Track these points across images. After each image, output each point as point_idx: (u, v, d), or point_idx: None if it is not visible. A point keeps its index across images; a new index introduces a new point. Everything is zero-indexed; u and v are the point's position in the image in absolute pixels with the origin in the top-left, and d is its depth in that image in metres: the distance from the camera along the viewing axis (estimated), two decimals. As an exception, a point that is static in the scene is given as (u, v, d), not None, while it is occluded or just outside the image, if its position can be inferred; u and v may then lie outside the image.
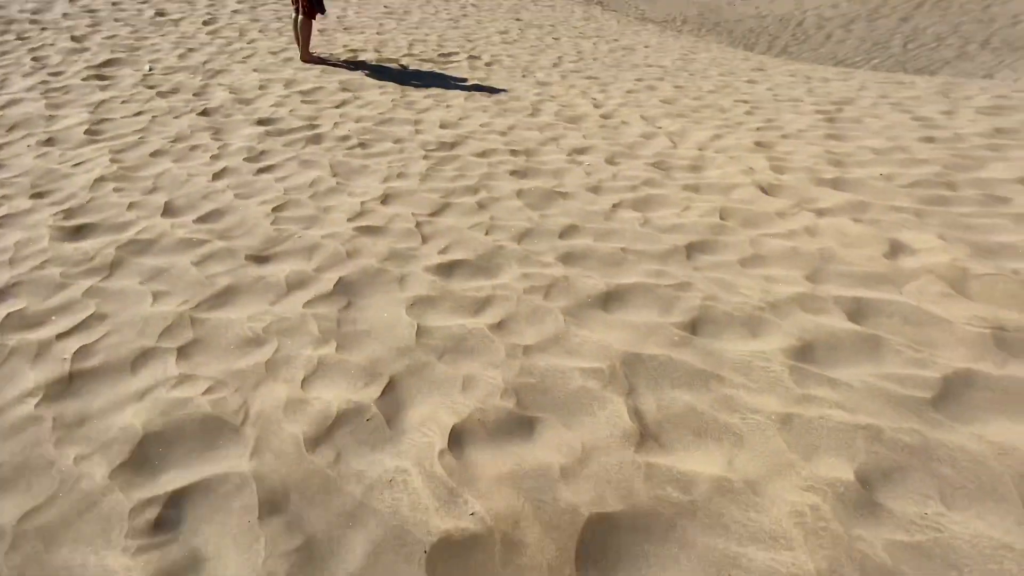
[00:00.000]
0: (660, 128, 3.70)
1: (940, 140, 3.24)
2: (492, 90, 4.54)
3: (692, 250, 2.10)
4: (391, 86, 4.47)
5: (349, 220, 2.41)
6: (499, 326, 1.69)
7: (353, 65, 4.99)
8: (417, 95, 4.30)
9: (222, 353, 1.64)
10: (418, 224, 2.37)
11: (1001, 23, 14.27)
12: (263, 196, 2.65)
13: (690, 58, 6.74)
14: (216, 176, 2.86)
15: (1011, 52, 13.12)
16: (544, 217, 2.42)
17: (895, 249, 2.03)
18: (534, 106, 4.16)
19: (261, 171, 2.92)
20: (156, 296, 1.93)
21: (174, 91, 4.15)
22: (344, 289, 1.92)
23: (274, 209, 2.51)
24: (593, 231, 2.28)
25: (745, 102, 4.41)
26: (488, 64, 5.40)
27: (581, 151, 3.25)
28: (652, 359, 1.50)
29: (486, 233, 2.29)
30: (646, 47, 7.28)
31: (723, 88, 4.97)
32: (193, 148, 3.21)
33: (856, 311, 1.70)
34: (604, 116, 3.96)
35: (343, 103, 4.03)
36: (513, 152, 3.24)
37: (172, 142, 3.30)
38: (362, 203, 2.57)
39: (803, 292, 1.79)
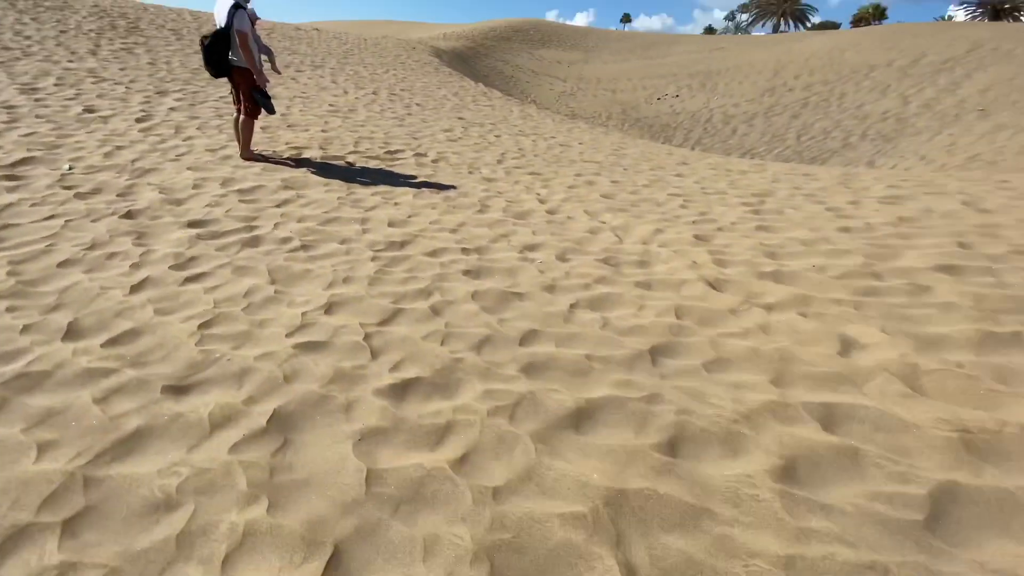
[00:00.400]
0: (604, 223, 3.84)
1: (855, 230, 3.56)
2: (440, 187, 4.61)
3: (656, 354, 2.05)
4: (336, 183, 4.43)
5: (288, 335, 2.20)
6: (462, 462, 1.50)
7: (297, 163, 4.95)
8: (364, 192, 4.27)
9: (121, 526, 1.33)
10: (367, 336, 2.20)
11: (873, 119, 16.87)
12: (188, 310, 2.39)
13: (621, 153, 7.31)
14: (135, 288, 2.57)
15: (885, 142, 15.41)
16: (502, 322, 2.33)
17: (846, 345, 2.08)
18: (482, 202, 4.23)
19: (189, 280, 2.67)
20: (42, 449, 1.59)
21: (95, 192, 3.87)
22: (280, 425, 1.68)
23: (201, 326, 2.25)
24: (554, 336, 2.20)
25: (678, 195, 4.73)
26: (434, 161, 5.55)
27: (532, 247, 3.27)
28: (637, 495, 1.36)
29: (442, 343, 2.15)
30: (580, 143, 7.85)
31: (656, 182, 5.35)
32: (111, 256, 2.92)
33: (827, 418, 1.67)
34: (550, 211, 4.08)
35: (285, 202, 3.91)
36: (465, 250, 3.20)
37: (86, 250, 3.00)
38: (303, 314, 2.37)
39: (773, 400, 1.75)
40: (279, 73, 6.08)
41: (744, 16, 66.92)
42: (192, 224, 3.39)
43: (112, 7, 12.60)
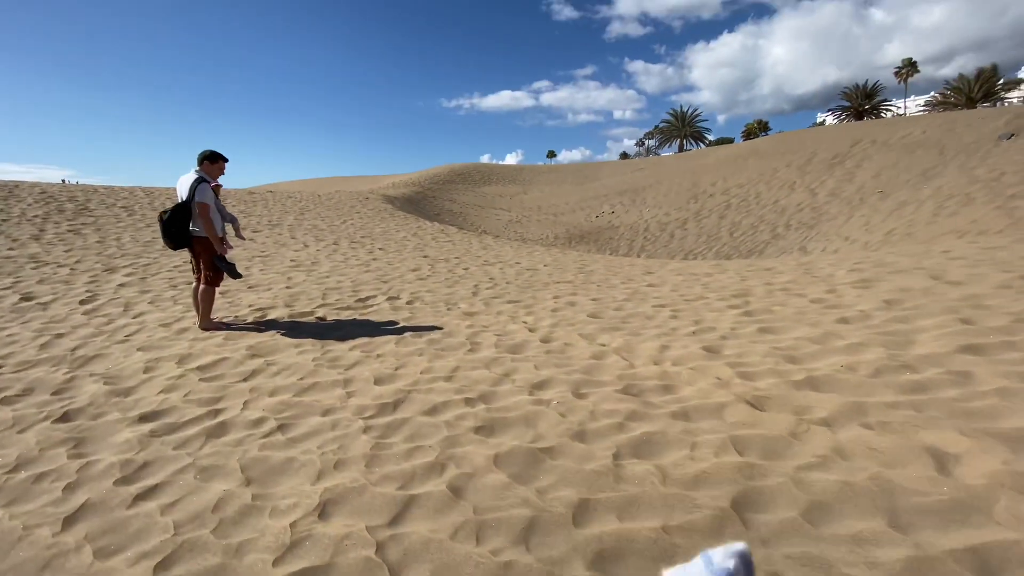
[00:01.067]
0: (604, 345, 3.65)
1: (854, 320, 3.53)
2: (421, 329, 4.36)
3: (741, 509, 1.70)
4: (309, 343, 4.09)
5: (277, 562, 1.70)
6: None
7: (263, 326, 4.61)
8: (341, 348, 3.94)
9: None
10: (379, 547, 1.73)
11: (791, 211, 18.74)
12: (140, 545, 1.84)
13: (587, 270, 7.48)
14: (68, 522, 2.01)
15: (809, 229, 16.96)
16: (541, 494, 1.93)
17: (939, 460, 1.82)
18: (470, 340, 3.98)
19: (140, 499, 2.14)
20: None
21: (25, 393, 3.32)
22: None
23: (157, 567, 1.71)
24: (612, 505, 1.82)
25: (663, 306, 4.70)
26: (409, 303, 5.37)
27: (541, 386, 2.98)
28: None
29: (477, 541, 1.71)
30: (545, 265, 8.03)
31: (634, 295, 5.36)
32: (39, 478, 2.36)
33: (984, 568, 1.35)
34: (544, 340, 3.87)
35: (253, 373, 3.50)
36: (468, 400, 2.85)
37: (8, 472, 2.42)
38: (292, 525, 1.88)
39: (911, 555, 1.42)
40: (244, 240, 5.98)
41: (652, 141, 77.49)
42: (143, 418, 2.88)
43: (60, 192, 12.69)
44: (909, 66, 53.94)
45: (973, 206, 13.41)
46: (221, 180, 4.63)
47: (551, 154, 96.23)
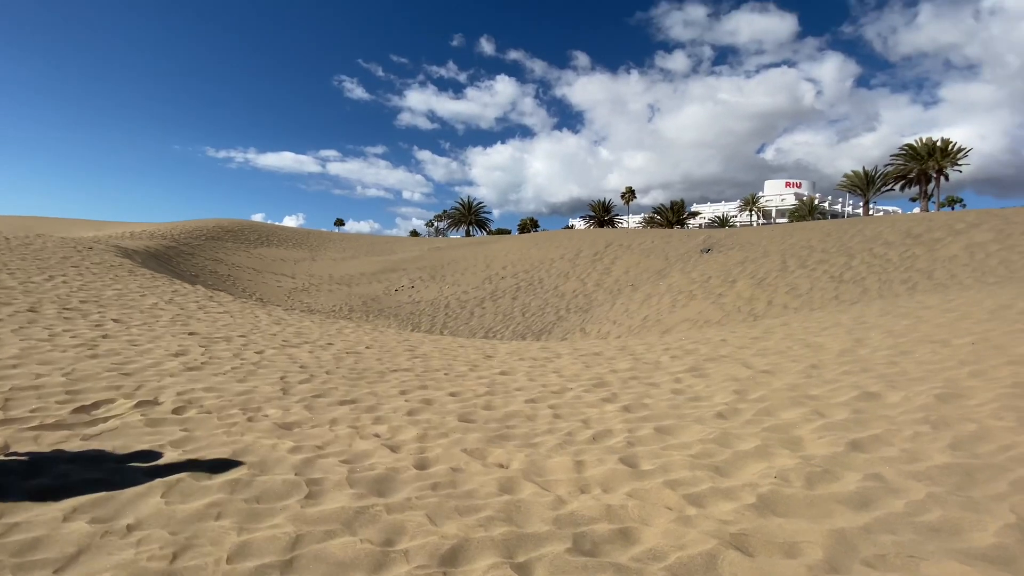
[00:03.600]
0: (504, 467, 2.81)
1: (729, 415, 3.55)
2: (210, 464, 2.74)
3: None
4: (-44, 515, 2.08)
5: None
6: None
7: None
8: (45, 519, 2.09)
9: None
10: None
11: (568, 296, 21.29)
12: None
13: (421, 353, 6.53)
14: None
15: (584, 312, 19.38)
16: None
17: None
18: (302, 476, 2.62)
19: None
20: None
21: None
22: None
23: None
24: None
25: (534, 401, 4.13)
26: (178, 410, 3.53)
27: (452, 560, 1.94)
28: None
29: None
30: (367, 347, 6.76)
31: (493, 385, 4.67)
32: None
33: None
34: (419, 467, 2.80)
35: None
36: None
37: None
38: None
39: None
40: None
41: (441, 223, 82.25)
42: None
43: None
44: (629, 192, 71.50)
45: (696, 300, 17.40)
46: None
47: (339, 222, 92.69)
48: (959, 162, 43.13)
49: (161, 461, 2.71)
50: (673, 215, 57.71)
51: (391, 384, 4.66)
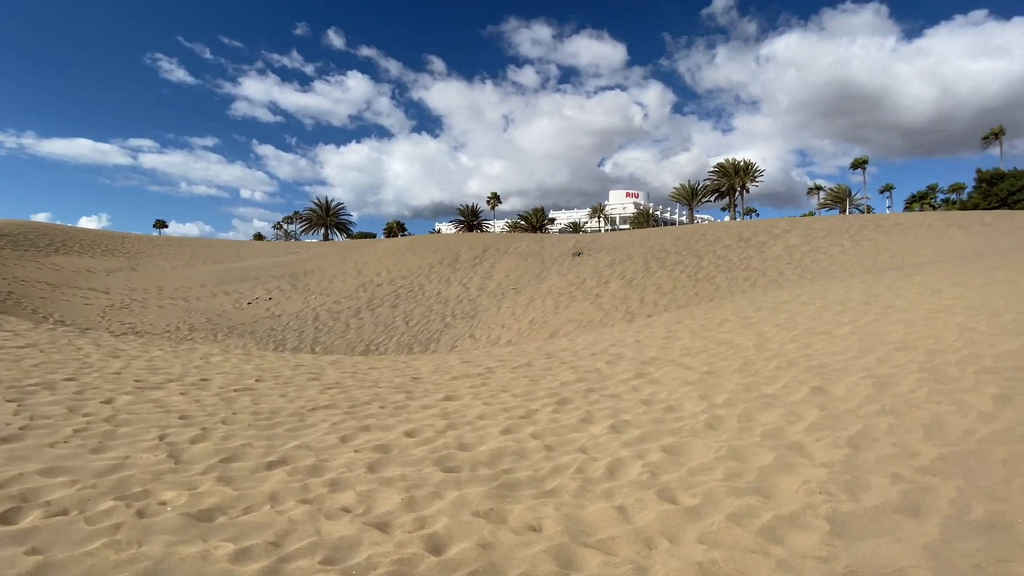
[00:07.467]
0: (537, 529, 2.28)
1: (703, 433, 3.49)
2: None
3: None
4: None
5: None
6: None
7: None
8: None
9: None
10: None
11: (453, 302, 20.77)
12: None
13: (332, 381, 5.48)
14: None
15: (471, 318, 19.04)
16: None
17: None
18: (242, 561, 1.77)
19: None
20: None
21: None
22: None
23: None
24: None
25: (508, 432, 3.62)
26: (6, 518, 2.24)
27: None
28: None
29: None
30: (258, 380, 5.46)
31: (448, 416, 4.02)
32: None
33: None
34: (434, 550, 2.12)
35: None
36: None
37: None
38: None
39: None
40: None
41: (292, 226, 74.22)
42: None
43: None
44: (495, 198, 73.41)
45: (576, 302, 18.26)
46: None
47: (161, 224, 78.18)
48: (756, 179, 53.10)
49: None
50: (537, 220, 60.92)
51: (321, 430, 3.72)
